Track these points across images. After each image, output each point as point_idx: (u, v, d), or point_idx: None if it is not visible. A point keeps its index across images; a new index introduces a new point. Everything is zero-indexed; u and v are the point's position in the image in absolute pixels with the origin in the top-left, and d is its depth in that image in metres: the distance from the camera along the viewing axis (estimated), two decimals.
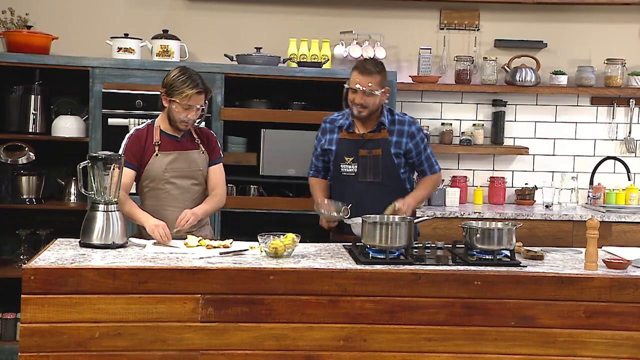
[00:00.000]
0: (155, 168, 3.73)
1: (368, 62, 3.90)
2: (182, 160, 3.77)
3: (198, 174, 3.81)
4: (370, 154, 3.85)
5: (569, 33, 5.52)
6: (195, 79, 3.68)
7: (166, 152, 3.74)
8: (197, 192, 3.82)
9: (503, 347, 3.09)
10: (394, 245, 3.21)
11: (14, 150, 4.84)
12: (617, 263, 3.25)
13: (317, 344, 3.04)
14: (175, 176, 3.76)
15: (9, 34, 4.84)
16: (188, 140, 3.81)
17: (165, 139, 3.77)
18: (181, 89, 3.64)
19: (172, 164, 3.74)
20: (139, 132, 3.78)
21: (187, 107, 3.66)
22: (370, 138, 3.87)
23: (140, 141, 3.74)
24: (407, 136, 3.88)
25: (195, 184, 3.81)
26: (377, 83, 3.76)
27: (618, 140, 5.59)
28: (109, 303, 2.96)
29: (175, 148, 3.77)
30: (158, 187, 3.76)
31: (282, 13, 5.36)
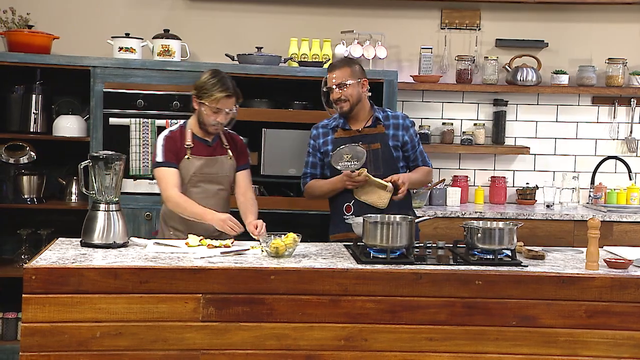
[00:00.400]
0: (185, 171, 3.75)
1: (337, 60, 4.13)
2: (212, 166, 3.79)
3: (225, 180, 3.83)
4: (369, 148, 3.88)
5: (570, 33, 5.52)
6: (226, 82, 3.69)
7: (197, 156, 3.76)
8: (221, 198, 3.84)
9: (504, 347, 3.09)
10: (395, 245, 3.21)
11: (15, 150, 4.84)
12: (618, 263, 3.25)
13: (318, 344, 3.04)
14: (202, 180, 3.78)
15: (10, 33, 4.84)
16: (218, 145, 3.83)
17: (197, 142, 3.79)
18: (210, 91, 3.66)
19: (202, 169, 3.76)
20: (173, 134, 3.80)
21: (216, 110, 3.67)
22: (367, 133, 3.92)
23: (175, 143, 3.77)
24: (402, 129, 3.96)
25: (221, 189, 3.83)
26: (348, 74, 3.86)
27: (619, 139, 5.59)
28: (110, 303, 2.96)
29: (206, 153, 3.79)
30: (184, 189, 3.76)
31: (283, 13, 5.36)
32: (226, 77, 3.73)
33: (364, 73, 3.97)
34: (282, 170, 4.82)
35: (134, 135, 4.68)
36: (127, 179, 4.66)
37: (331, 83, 3.91)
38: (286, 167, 4.83)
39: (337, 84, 3.87)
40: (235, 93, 3.71)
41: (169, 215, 3.81)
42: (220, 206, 3.80)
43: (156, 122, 4.70)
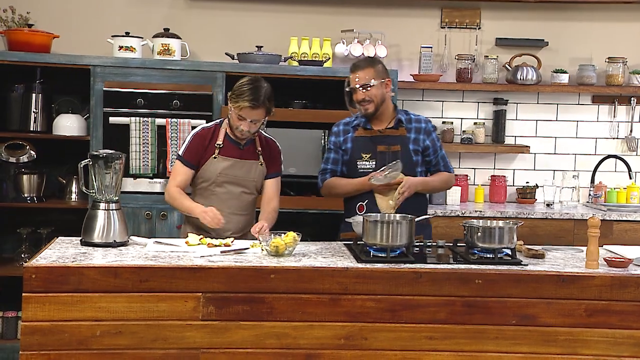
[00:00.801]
0: (210, 170, 3.74)
1: (360, 59, 3.95)
2: (238, 168, 3.77)
3: (250, 184, 3.81)
4: (389, 150, 3.84)
5: (570, 31, 5.52)
6: (257, 93, 3.61)
7: (225, 157, 3.75)
8: (245, 201, 3.82)
9: (504, 346, 3.09)
10: (395, 243, 3.21)
11: (15, 149, 4.84)
12: (618, 261, 3.25)
13: (318, 343, 3.04)
14: (227, 181, 3.76)
15: (10, 32, 4.84)
16: (250, 149, 3.80)
17: (229, 143, 3.77)
18: (238, 98, 3.63)
19: (227, 170, 3.75)
20: (205, 132, 3.79)
21: (240, 117, 3.64)
22: (388, 134, 3.87)
23: (204, 141, 3.75)
24: (424, 133, 3.90)
25: (246, 192, 3.81)
26: (371, 75, 3.79)
27: (619, 138, 5.59)
28: (110, 301, 2.96)
29: (235, 155, 3.76)
30: (209, 188, 3.77)
31: (283, 11, 5.36)
32: (261, 88, 3.64)
33: (387, 72, 3.90)
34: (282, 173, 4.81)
35: (134, 134, 4.68)
36: (127, 178, 4.67)
37: (354, 83, 3.82)
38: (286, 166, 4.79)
39: (360, 85, 3.80)
40: (263, 105, 3.63)
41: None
42: (243, 208, 3.81)
43: (156, 121, 4.70)
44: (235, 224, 3.78)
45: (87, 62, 4.70)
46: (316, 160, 4.83)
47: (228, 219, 3.71)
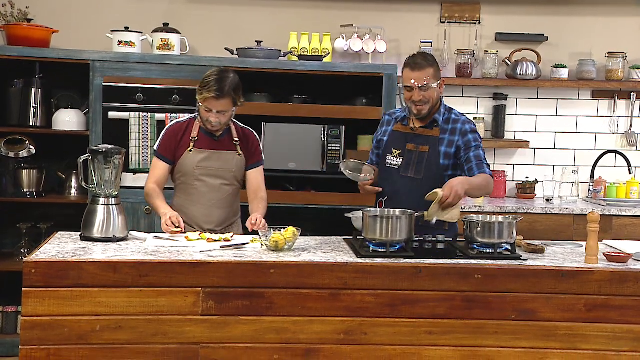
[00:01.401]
0: (187, 164, 3.74)
1: (418, 56, 3.72)
2: (215, 160, 3.76)
3: (229, 175, 3.79)
4: (417, 149, 3.70)
5: (570, 26, 5.51)
6: (221, 83, 3.59)
7: (200, 149, 3.74)
8: (226, 192, 3.80)
9: (503, 341, 3.09)
10: (395, 238, 3.21)
11: (15, 144, 4.84)
12: (618, 256, 3.26)
13: (317, 338, 3.04)
14: (205, 174, 3.75)
15: (9, 27, 4.83)
16: (226, 140, 3.79)
17: (203, 135, 3.76)
18: (202, 90, 3.63)
19: (204, 162, 3.74)
20: (178, 126, 3.78)
21: (207, 109, 3.64)
22: (420, 133, 3.73)
23: (176, 135, 3.75)
24: (460, 134, 3.69)
25: (226, 184, 3.79)
26: (432, 76, 3.65)
27: (619, 133, 5.59)
28: (110, 296, 2.96)
29: (210, 146, 3.75)
30: (188, 182, 3.76)
31: (283, 6, 5.35)
32: (226, 78, 3.62)
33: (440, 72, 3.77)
34: (282, 164, 4.82)
35: (133, 129, 4.68)
36: (127, 173, 4.67)
37: (410, 83, 3.64)
38: (286, 161, 4.83)
39: (420, 85, 3.62)
40: (228, 95, 3.60)
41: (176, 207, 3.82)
42: (226, 201, 3.80)
43: (156, 116, 4.70)
44: (218, 217, 3.78)
45: (86, 57, 4.69)
46: (316, 155, 4.83)
47: (209, 212, 3.74)
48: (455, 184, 3.43)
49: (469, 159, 3.65)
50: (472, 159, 3.65)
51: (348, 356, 3.05)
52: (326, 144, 4.83)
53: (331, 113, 4.82)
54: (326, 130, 4.83)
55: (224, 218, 3.81)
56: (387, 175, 3.77)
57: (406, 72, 3.67)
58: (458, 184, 3.44)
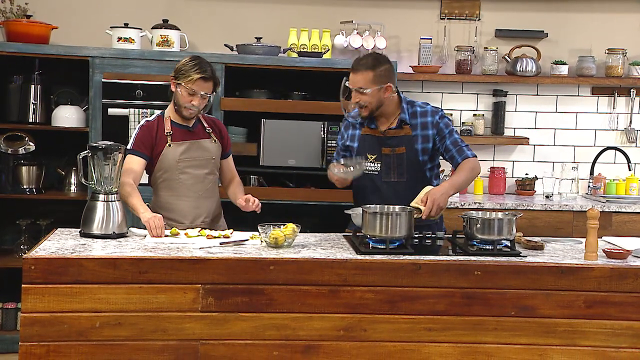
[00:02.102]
0: (168, 158, 3.73)
1: (363, 57, 3.64)
2: (195, 150, 3.76)
3: (211, 164, 3.81)
4: (393, 152, 3.66)
5: (569, 23, 5.51)
6: (204, 66, 3.66)
7: (178, 142, 3.74)
8: (210, 182, 3.82)
9: (503, 337, 3.09)
10: (394, 235, 3.21)
11: (14, 140, 4.84)
12: (617, 253, 3.26)
13: (317, 334, 3.04)
14: (189, 166, 3.75)
15: (8, 23, 4.83)
16: (200, 129, 3.81)
17: (177, 129, 3.76)
18: (188, 72, 3.64)
19: (185, 154, 3.74)
20: (150, 123, 3.77)
21: (192, 92, 3.65)
22: (392, 135, 3.67)
23: (151, 132, 3.74)
24: (432, 126, 3.64)
25: (208, 173, 3.80)
26: (369, 79, 3.54)
27: (618, 130, 5.59)
28: (110, 293, 2.96)
29: (187, 137, 3.76)
30: (172, 177, 3.75)
31: (283, 3, 5.35)
32: (206, 62, 3.70)
33: (391, 75, 3.62)
34: (281, 160, 4.82)
35: (132, 126, 4.67)
36: None
37: (350, 83, 3.60)
38: (285, 158, 4.83)
39: (355, 89, 3.58)
40: (212, 77, 3.68)
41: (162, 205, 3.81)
42: (210, 191, 3.82)
43: (155, 112, 4.68)
44: (207, 209, 3.79)
45: (86, 54, 4.69)
46: (315, 152, 4.83)
47: (198, 204, 3.75)
48: (437, 197, 3.39)
49: (447, 148, 3.62)
50: (451, 146, 3.61)
51: (347, 352, 3.05)
52: (326, 141, 4.83)
53: (331, 110, 4.81)
54: (326, 126, 4.83)
55: (213, 209, 3.83)
56: (368, 182, 3.72)
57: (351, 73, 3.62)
58: (440, 195, 3.41)
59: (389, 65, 3.63)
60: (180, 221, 3.73)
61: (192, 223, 3.71)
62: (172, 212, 3.75)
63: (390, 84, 3.62)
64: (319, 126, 4.83)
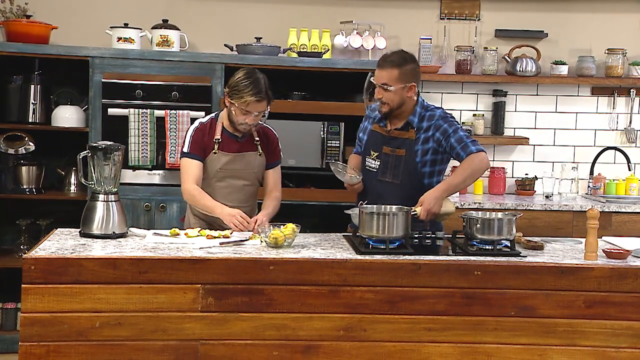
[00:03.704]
0: (211, 165, 3.75)
1: (390, 54, 3.64)
2: (238, 162, 3.77)
3: (251, 176, 3.82)
4: (393, 153, 3.66)
5: (569, 23, 5.51)
6: (259, 85, 3.62)
7: (225, 152, 3.75)
8: (247, 192, 3.83)
9: (503, 337, 3.09)
10: (392, 235, 3.20)
11: (14, 140, 4.84)
12: (617, 253, 3.26)
13: (317, 334, 3.04)
14: (229, 176, 3.77)
15: (8, 23, 4.83)
16: (248, 140, 3.80)
17: (227, 137, 3.77)
18: (241, 93, 3.61)
19: (228, 165, 3.75)
20: (203, 126, 3.78)
21: (245, 112, 3.64)
22: (395, 136, 3.67)
23: (204, 135, 3.75)
24: (434, 128, 3.61)
25: (247, 184, 3.82)
26: (394, 78, 3.54)
27: (618, 130, 5.59)
28: (110, 293, 2.96)
29: (234, 149, 3.76)
30: (210, 183, 3.77)
31: (282, 3, 5.35)
32: (260, 79, 3.64)
33: (416, 75, 3.62)
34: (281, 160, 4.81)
35: (132, 126, 4.67)
36: (126, 170, 4.67)
37: (376, 78, 3.60)
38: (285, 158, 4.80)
39: (379, 84, 3.58)
40: (267, 97, 3.64)
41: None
42: (246, 201, 3.82)
43: (155, 112, 4.69)
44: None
45: (85, 54, 4.69)
46: (315, 152, 4.83)
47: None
48: (430, 203, 3.41)
49: (452, 146, 3.57)
50: (455, 144, 3.56)
51: (347, 352, 3.05)
52: (326, 141, 4.83)
53: (331, 110, 4.82)
54: (326, 126, 4.83)
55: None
56: (367, 177, 3.75)
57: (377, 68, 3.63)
58: (433, 200, 3.42)
59: (415, 65, 3.64)
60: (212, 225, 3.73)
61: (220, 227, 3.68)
62: (206, 216, 3.76)
63: (415, 84, 3.61)
64: (318, 126, 4.84)
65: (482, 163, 3.53)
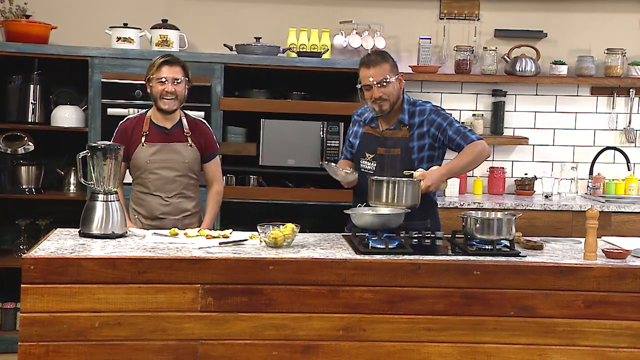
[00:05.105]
0: (140, 158, 3.81)
1: (372, 54, 3.70)
2: (166, 152, 3.82)
3: (182, 167, 3.84)
4: (388, 153, 3.68)
5: (569, 23, 5.51)
6: (169, 55, 3.79)
7: (151, 143, 3.81)
8: (182, 184, 3.86)
9: (502, 337, 3.09)
10: (401, 203, 3.33)
11: (14, 140, 4.84)
12: (617, 253, 3.26)
13: (316, 334, 3.04)
14: (159, 167, 3.82)
15: (7, 23, 4.83)
16: (178, 132, 3.85)
17: (154, 129, 3.83)
18: (153, 64, 3.76)
19: (155, 155, 3.80)
20: (128, 122, 3.86)
21: (160, 81, 3.72)
22: (389, 136, 3.69)
23: (127, 132, 3.82)
24: (427, 124, 3.64)
25: (180, 175, 3.85)
26: (387, 70, 3.58)
27: (618, 130, 5.59)
28: (109, 293, 2.96)
29: (161, 139, 3.82)
30: (143, 175, 3.84)
31: (282, 3, 5.35)
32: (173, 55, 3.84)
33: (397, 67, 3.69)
34: (280, 160, 4.82)
35: None
36: None
37: (368, 81, 3.59)
38: (285, 158, 4.83)
39: (377, 82, 3.57)
40: (178, 63, 3.76)
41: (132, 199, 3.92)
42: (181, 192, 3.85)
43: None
44: (174, 206, 3.84)
45: (85, 53, 4.69)
46: (315, 151, 4.83)
47: (167, 203, 3.82)
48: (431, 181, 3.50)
49: (451, 138, 3.60)
50: (454, 135, 3.60)
51: (347, 352, 3.05)
52: (325, 141, 4.83)
53: (330, 109, 4.82)
54: (325, 126, 4.83)
55: (181, 207, 3.86)
56: (364, 180, 3.71)
57: (363, 70, 3.62)
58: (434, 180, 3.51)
59: (393, 58, 3.70)
60: (149, 216, 3.82)
61: (161, 220, 3.78)
62: (142, 207, 3.86)
63: (402, 74, 3.70)
64: (318, 126, 4.84)
65: (484, 150, 3.60)
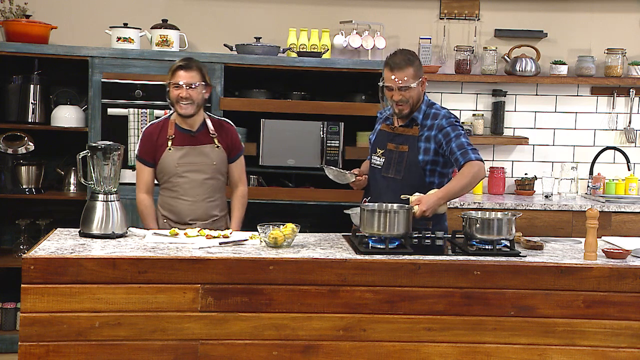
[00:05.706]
0: (167, 162, 3.79)
1: (397, 55, 3.63)
2: (194, 155, 3.80)
3: (210, 169, 3.83)
4: (396, 149, 3.68)
5: (569, 23, 5.51)
6: (187, 59, 3.79)
7: (178, 146, 3.79)
8: (210, 186, 3.85)
9: (502, 337, 3.09)
10: (392, 233, 3.20)
11: (14, 140, 4.84)
12: (617, 253, 3.26)
13: (316, 334, 3.04)
14: (188, 170, 3.80)
15: (7, 23, 4.83)
16: (203, 134, 3.84)
17: (179, 133, 3.81)
18: (170, 70, 3.78)
19: (183, 159, 3.79)
20: (153, 127, 3.85)
21: (176, 86, 3.72)
22: (400, 133, 3.71)
23: (152, 137, 3.81)
24: (437, 128, 3.62)
25: (208, 178, 3.83)
26: (411, 75, 3.57)
27: (618, 130, 5.59)
28: (109, 293, 2.96)
29: (187, 143, 3.81)
30: (171, 180, 3.81)
31: (282, 3, 5.35)
32: (192, 59, 3.83)
33: (422, 69, 3.67)
34: (280, 160, 4.82)
35: (132, 126, 4.68)
36: (126, 169, 4.66)
37: (392, 83, 3.58)
38: (285, 158, 4.82)
39: (399, 87, 3.57)
40: (195, 67, 3.76)
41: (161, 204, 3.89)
42: (209, 195, 3.84)
43: (154, 112, 4.70)
44: (203, 211, 3.83)
45: (85, 53, 4.69)
46: (315, 152, 4.83)
47: (196, 207, 3.81)
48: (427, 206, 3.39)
49: (452, 151, 3.56)
50: (455, 149, 3.55)
51: (347, 352, 3.05)
52: (325, 141, 4.83)
53: (330, 109, 4.82)
54: (325, 126, 4.83)
55: (210, 212, 3.86)
56: (372, 174, 3.79)
57: (386, 71, 3.62)
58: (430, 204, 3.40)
59: (419, 60, 3.68)
60: (179, 221, 3.79)
61: (190, 225, 3.74)
62: (171, 212, 3.83)
63: (426, 77, 3.69)
64: (318, 126, 4.83)
65: (480, 172, 3.51)
